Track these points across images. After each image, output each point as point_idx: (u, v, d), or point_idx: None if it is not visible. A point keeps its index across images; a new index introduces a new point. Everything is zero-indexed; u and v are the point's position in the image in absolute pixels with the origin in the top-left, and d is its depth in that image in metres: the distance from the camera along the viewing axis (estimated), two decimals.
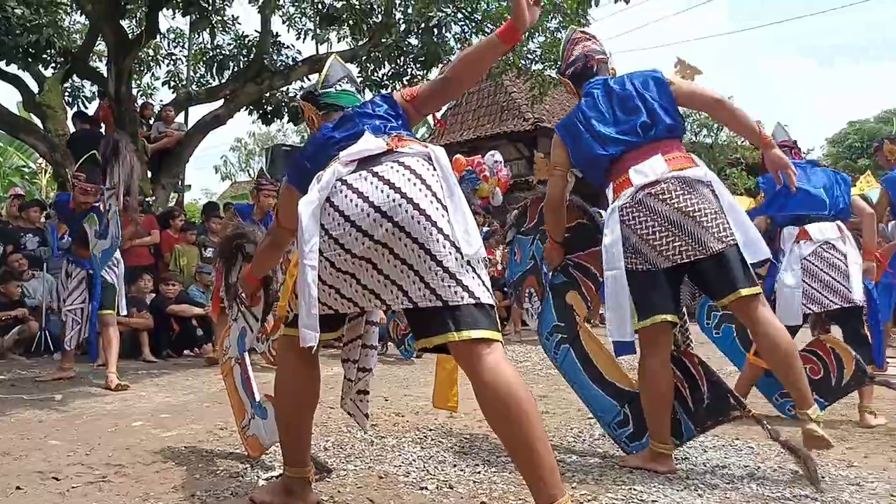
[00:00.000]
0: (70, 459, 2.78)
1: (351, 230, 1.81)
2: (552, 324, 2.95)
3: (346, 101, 2.24)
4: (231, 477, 2.53)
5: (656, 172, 2.51)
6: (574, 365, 2.92)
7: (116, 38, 8.88)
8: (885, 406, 3.79)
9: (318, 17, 9.82)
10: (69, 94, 10.60)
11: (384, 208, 1.79)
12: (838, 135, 25.73)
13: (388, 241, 1.79)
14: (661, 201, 2.48)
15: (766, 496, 2.31)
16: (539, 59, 9.52)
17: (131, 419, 3.57)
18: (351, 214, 1.81)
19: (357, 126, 2.06)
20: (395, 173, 1.84)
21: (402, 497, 2.31)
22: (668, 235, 2.47)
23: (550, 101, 13.20)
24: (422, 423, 3.41)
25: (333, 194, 1.86)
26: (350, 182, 1.86)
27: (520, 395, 1.73)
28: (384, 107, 2.14)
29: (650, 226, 2.49)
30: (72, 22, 11.10)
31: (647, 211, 2.50)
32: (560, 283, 2.95)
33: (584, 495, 2.31)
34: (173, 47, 11.67)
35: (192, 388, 4.62)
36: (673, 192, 2.48)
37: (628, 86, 2.68)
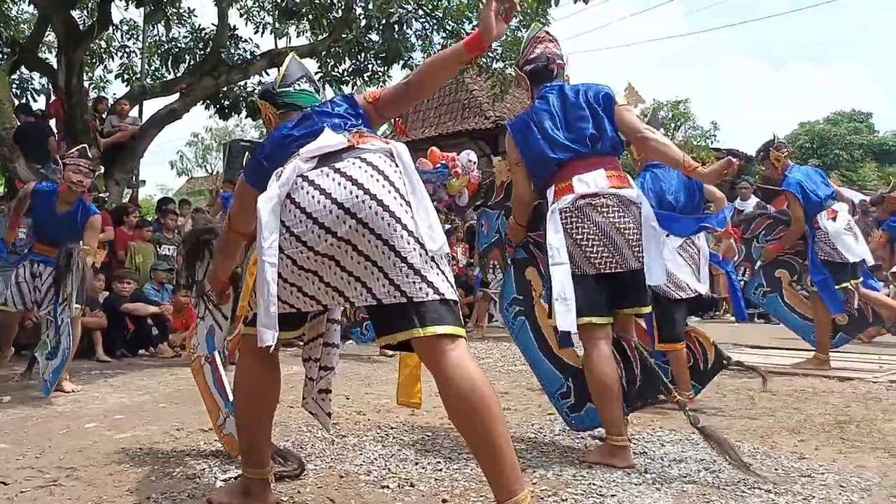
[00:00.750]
0: (19, 463, 2.69)
1: (313, 227, 1.79)
2: (511, 296, 3.06)
3: (305, 101, 2.24)
4: (188, 479, 2.48)
5: (598, 185, 2.66)
6: (527, 336, 3.02)
7: (67, 28, 8.62)
8: (834, 399, 3.92)
9: (276, 10, 9.68)
10: (17, 86, 10.26)
11: (347, 205, 1.77)
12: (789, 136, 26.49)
13: (352, 238, 1.78)
14: (599, 213, 2.64)
15: (722, 489, 2.36)
16: (500, 57, 9.56)
17: (84, 421, 3.48)
18: (313, 211, 1.80)
19: (316, 124, 2.04)
20: (357, 169, 1.83)
21: (364, 496, 2.29)
22: (599, 245, 2.64)
23: (511, 99, 13.28)
24: (383, 421, 3.39)
25: (294, 191, 1.83)
26: (312, 178, 1.84)
27: (483, 392, 1.74)
28: (344, 106, 2.13)
29: (585, 233, 2.64)
30: (20, 11, 10.74)
31: (584, 219, 2.64)
32: (521, 259, 3.05)
33: (544, 490, 2.33)
34: (127, 39, 11.39)
35: (147, 389, 4.52)
36: (610, 208, 2.65)
37: (581, 96, 2.79)
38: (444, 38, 9.74)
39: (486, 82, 11.44)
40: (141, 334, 6.47)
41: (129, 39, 11.39)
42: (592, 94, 2.79)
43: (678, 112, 13.27)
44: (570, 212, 2.65)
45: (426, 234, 1.80)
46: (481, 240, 3.40)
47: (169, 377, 5.02)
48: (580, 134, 2.72)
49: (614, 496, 2.28)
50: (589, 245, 2.63)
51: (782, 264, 5.01)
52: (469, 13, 9.10)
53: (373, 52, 9.80)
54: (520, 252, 3.06)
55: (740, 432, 3.16)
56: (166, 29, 10.33)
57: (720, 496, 2.28)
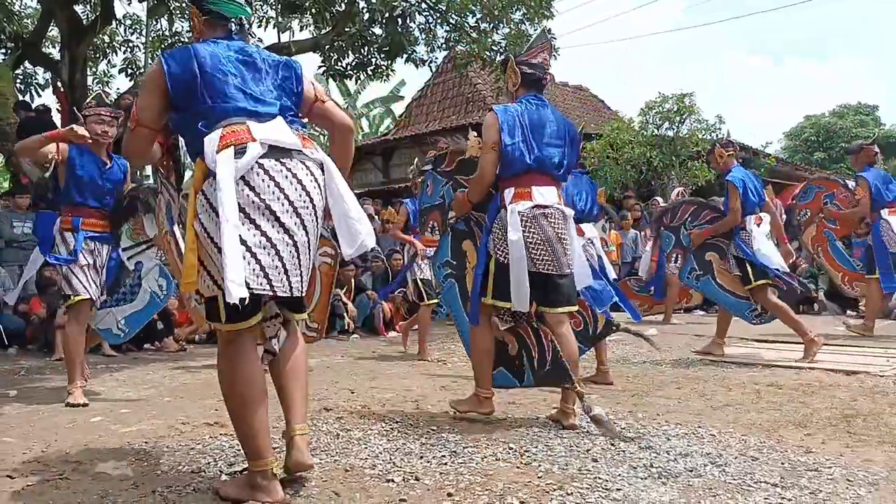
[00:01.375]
0: (25, 457, 2.70)
1: (265, 212, 2.03)
2: (445, 258, 3.42)
3: (230, 11, 2.32)
4: (193, 472, 2.48)
5: (550, 200, 3.11)
6: (455, 298, 3.40)
7: (70, 23, 8.62)
8: (840, 393, 3.91)
9: (280, 4, 9.66)
10: (21, 81, 10.27)
11: (296, 205, 2.05)
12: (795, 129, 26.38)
13: (292, 232, 2.06)
14: (548, 222, 3.08)
15: (728, 482, 2.35)
16: (504, 50, 9.52)
17: (90, 415, 3.48)
18: (266, 198, 2.03)
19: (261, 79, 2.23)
20: (303, 174, 2.09)
21: (369, 490, 2.29)
22: (543, 249, 3.06)
23: None
24: (388, 415, 3.39)
25: (249, 174, 2.02)
26: (267, 169, 2.05)
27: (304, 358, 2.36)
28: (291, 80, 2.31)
29: (535, 236, 3.05)
30: (23, 6, 10.74)
31: (537, 224, 3.06)
32: (460, 230, 3.38)
33: (549, 484, 2.33)
34: (130, 34, 11.38)
35: (153, 383, 4.52)
36: (559, 220, 3.11)
37: (563, 125, 3.22)
38: (448, 32, 9.72)
39: (490, 76, 11.40)
40: (146, 329, 6.47)
41: (133, 34, 11.39)
42: (571, 129, 3.26)
43: (683, 105, 13.16)
44: (526, 216, 3.04)
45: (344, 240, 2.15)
46: (424, 199, 3.71)
47: (174, 371, 5.03)
48: (551, 156, 3.12)
49: (620, 490, 2.27)
50: (535, 247, 3.05)
51: (712, 247, 5.24)
52: (472, 6, 9.07)
53: (376, 46, 9.79)
54: (460, 224, 3.37)
55: (746, 426, 3.15)
56: (169, 23, 10.34)
57: (726, 490, 2.27)
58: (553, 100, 18.18)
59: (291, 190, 2.04)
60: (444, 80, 16.63)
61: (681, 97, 13.26)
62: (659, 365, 5.00)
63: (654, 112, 13.54)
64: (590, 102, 19.73)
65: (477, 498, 2.21)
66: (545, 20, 9.35)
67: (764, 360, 5.03)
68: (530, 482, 2.35)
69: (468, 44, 9.71)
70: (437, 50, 10.18)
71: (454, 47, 10.27)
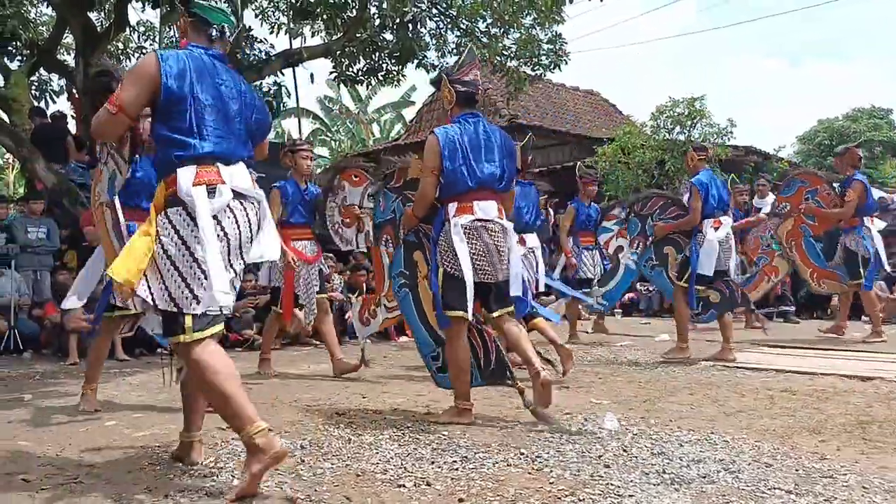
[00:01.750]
0: (40, 460, 2.72)
1: (225, 241, 2.38)
2: (399, 269, 3.67)
3: (215, 18, 2.50)
4: (205, 476, 2.50)
5: (491, 215, 3.34)
6: (410, 305, 3.65)
7: (84, 30, 8.70)
8: (855, 399, 3.87)
9: (291, 11, 9.71)
10: (36, 87, 10.38)
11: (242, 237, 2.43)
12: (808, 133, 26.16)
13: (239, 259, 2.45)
14: (489, 234, 3.31)
15: (741, 489, 2.33)
16: (514, 55, 9.53)
17: (104, 419, 3.51)
18: (228, 232, 2.38)
19: (237, 118, 2.46)
20: (252, 213, 2.47)
21: (380, 495, 2.29)
22: (483, 259, 3.31)
23: (526, 97, 13.24)
24: (399, 420, 3.39)
25: (220, 214, 2.35)
26: (232, 208, 2.40)
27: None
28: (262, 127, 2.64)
29: (477, 247, 3.30)
30: (38, 14, 10.85)
31: (477, 236, 3.30)
32: (411, 241, 3.62)
33: (561, 490, 2.32)
34: (143, 41, 11.47)
35: (166, 388, 4.54)
36: (498, 232, 3.34)
37: (496, 137, 3.40)
38: (458, 37, 9.73)
39: (500, 81, 11.41)
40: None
41: (146, 41, 11.48)
42: (508, 142, 3.46)
43: (693, 109, 13.12)
44: (468, 229, 3.28)
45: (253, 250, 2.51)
46: (378, 215, 4.03)
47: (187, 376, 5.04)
48: (492, 171, 3.34)
49: (632, 496, 2.26)
50: (476, 257, 3.30)
51: (671, 242, 5.56)
52: (482, 11, 9.08)
53: (387, 52, 9.80)
54: (410, 236, 3.62)
55: (759, 432, 3.13)
56: None
57: (740, 497, 2.26)
58: (564, 104, 18.20)
59: (244, 225, 2.44)
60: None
61: (692, 101, 13.22)
62: (671, 371, 4.98)
63: (665, 116, 13.51)
64: (601, 107, 19.72)
65: (488, 503, 2.20)
66: (555, 24, 9.36)
67: (777, 366, 4.99)
68: (542, 488, 2.35)
69: (479, 49, 9.71)
70: (448, 55, 10.19)
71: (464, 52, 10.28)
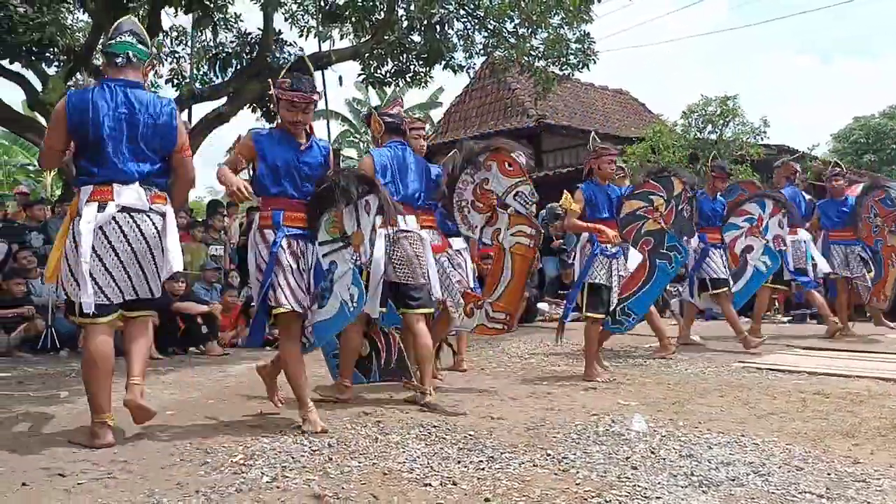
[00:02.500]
0: (76, 456, 2.79)
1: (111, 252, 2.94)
2: None
3: (119, 48, 3.07)
4: (234, 474, 2.54)
5: (412, 227, 3.88)
6: None
7: None
8: (890, 402, 3.79)
9: (320, 14, 9.81)
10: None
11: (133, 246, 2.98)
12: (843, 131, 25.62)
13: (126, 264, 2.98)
14: (409, 243, 3.83)
15: (771, 492, 2.30)
16: (542, 55, 9.50)
17: None
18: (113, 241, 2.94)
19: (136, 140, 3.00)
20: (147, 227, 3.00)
21: (406, 493, 2.31)
22: (404, 264, 3.80)
23: (554, 97, 13.18)
24: (426, 419, 3.41)
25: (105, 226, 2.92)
26: (118, 220, 2.95)
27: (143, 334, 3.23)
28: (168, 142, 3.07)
29: (398, 253, 3.79)
30: (75, 20, 11.09)
31: (399, 244, 3.80)
32: None
33: (587, 491, 2.31)
34: (176, 45, 11.65)
35: (198, 386, 4.63)
36: (416, 241, 3.87)
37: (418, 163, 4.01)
38: (486, 38, 9.74)
39: (528, 81, 11.38)
40: (191, 332, 6.63)
41: (179, 45, 11.66)
42: (427, 167, 4.11)
43: (726, 108, 12.94)
44: (393, 238, 3.76)
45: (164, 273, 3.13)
46: None
47: (218, 374, 5.13)
48: (413, 191, 3.93)
49: (660, 498, 2.25)
50: (398, 262, 3.79)
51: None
52: (510, 12, 9.07)
53: (415, 53, 9.85)
54: None
55: (791, 435, 3.08)
56: (214, 34, 10.56)
57: (769, 500, 2.23)
58: (593, 104, 18.07)
59: (133, 236, 2.98)
60: (482, 85, 16.64)
61: (724, 100, 13.04)
62: (701, 372, 4.92)
63: (696, 115, 13.35)
64: (630, 106, 19.53)
65: (514, 503, 2.21)
66: (584, 24, 9.31)
67: (810, 368, 4.91)
68: (568, 489, 2.34)
69: (506, 49, 9.71)
70: (475, 56, 10.21)
71: (492, 53, 10.28)
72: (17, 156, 18.81)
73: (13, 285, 6.22)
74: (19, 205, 8.55)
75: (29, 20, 7.94)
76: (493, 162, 4.05)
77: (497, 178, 4.05)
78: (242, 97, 9.79)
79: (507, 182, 4.03)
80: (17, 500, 2.28)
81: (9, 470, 2.59)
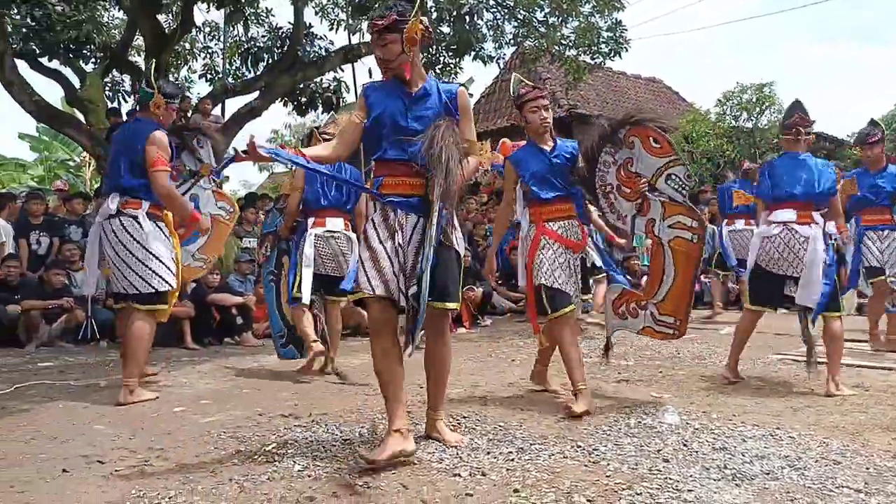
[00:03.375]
0: (114, 444, 2.86)
1: (106, 247, 3.75)
2: (271, 268, 4.85)
3: (141, 94, 4.02)
4: (268, 462, 2.58)
5: (339, 227, 4.44)
6: (272, 296, 4.82)
7: (153, 32, 9.03)
8: None
9: (350, 6, 9.83)
10: (109, 88, 10.82)
11: (115, 253, 3.71)
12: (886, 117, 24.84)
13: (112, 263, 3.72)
14: (336, 242, 4.42)
15: (807, 486, 2.26)
16: (573, 44, 9.40)
17: (173, 405, 3.66)
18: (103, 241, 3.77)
19: (120, 158, 3.82)
20: (118, 227, 3.70)
21: (436, 483, 2.32)
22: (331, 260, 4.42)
23: (585, 86, 13.03)
24: (455, 410, 3.41)
25: (106, 223, 3.72)
26: (112, 223, 3.71)
27: None
28: (140, 159, 3.72)
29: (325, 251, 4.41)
30: (110, 17, 11.30)
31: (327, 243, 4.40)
32: (282, 248, 4.75)
33: (618, 483, 2.30)
34: (209, 40, 11.82)
35: (232, 375, 4.70)
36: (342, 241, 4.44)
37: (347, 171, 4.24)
38: (516, 28, 9.66)
39: (559, 70, 11.27)
40: (226, 323, 6.74)
41: (212, 40, 11.82)
42: (357, 174, 4.48)
43: (762, 95, 12.66)
44: (320, 237, 4.38)
45: None
46: (265, 226, 5.42)
47: (253, 365, 5.21)
48: (339, 196, 4.42)
49: (691, 491, 2.22)
50: (326, 258, 4.40)
51: None
52: (540, 1, 8.98)
53: (444, 44, 9.82)
54: (283, 244, 4.74)
55: (828, 429, 3.02)
56: (245, 29, 10.67)
57: (805, 494, 2.19)
58: (625, 92, 17.83)
59: (111, 236, 3.70)
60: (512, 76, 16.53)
61: (760, 87, 12.78)
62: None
63: (731, 103, 13.10)
64: (664, 94, 19.24)
65: (543, 495, 2.20)
66: (615, 12, 9.18)
67: (849, 361, 4.79)
68: (598, 481, 2.33)
69: (536, 39, 9.62)
70: (505, 46, 10.13)
71: (522, 43, 10.19)
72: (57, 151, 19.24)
73: (53, 277, 6.38)
74: (59, 199, 8.77)
75: (66, 18, 8.12)
76: (636, 138, 3.39)
77: (643, 158, 3.39)
78: (274, 91, 9.88)
79: (656, 162, 3.35)
80: (58, 486, 2.35)
81: (50, 456, 2.67)
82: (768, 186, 4.06)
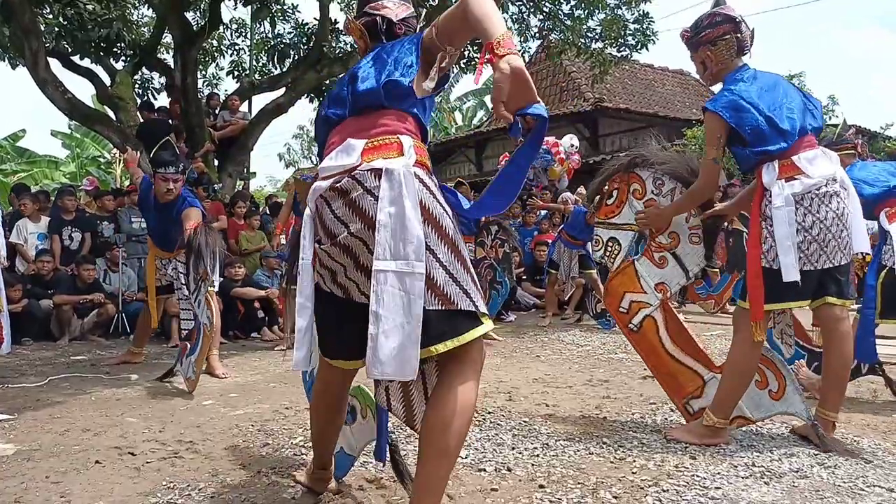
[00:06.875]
0: (145, 436, 2.91)
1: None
2: None
3: None
4: (295, 455, 2.61)
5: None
6: None
7: (182, 30, 9.14)
8: None
9: None
10: (139, 85, 10.98)
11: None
12: None
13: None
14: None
15: (838, 485, 2.23)
16: (599, 37, 9.32)
17: (202, 398, 3.71)
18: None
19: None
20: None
21: (461, 478, 2.33)
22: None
23: (612, 79, 12.92)
24: (481, 405, 3.42)
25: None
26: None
27: None
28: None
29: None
30: (140, 16, 11.48)
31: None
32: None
33: (644, 480, 2.28)
34: (236, 37, 11.94)
35: (259, 369, 4.76)
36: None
37: None
38: (541, 21, 9.60)
39: (585, 63, 11.18)
40: (249, 317, 6.81)
41: (239, 37, 11.94)
42: None
43: None
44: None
45: None
46: None
47: (279, 358, 5.26)
48: None
49: (719, 489, 2.20)
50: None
51: None
52: None
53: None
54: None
55: (859, 427, 2.97)
56: (272, 25, 10.75)
57: (835, 493, 2.15)
58: (652, 85, 17.64)
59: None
60: (537, 69, 16.44)
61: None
62: None
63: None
64: (692, 87, 18.98)
65: (569, 491, 2.20)
66: (642, 3, 9.08)
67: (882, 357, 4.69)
68: (624, 477, 2.32)
69: (562, 32, 9.56)
70: (531, 39, 10.09)
71: (548, 36, 10.15)
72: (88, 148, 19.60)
73: (83, 271, 6.50)
74: (90, 196, 8.93)
75: (97, 17, 8.26)
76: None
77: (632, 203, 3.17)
78: (300, 87, 9.94)
79: None
80: (91, 477, 2.40)
81: (83, 448, 2.73)
82: None
